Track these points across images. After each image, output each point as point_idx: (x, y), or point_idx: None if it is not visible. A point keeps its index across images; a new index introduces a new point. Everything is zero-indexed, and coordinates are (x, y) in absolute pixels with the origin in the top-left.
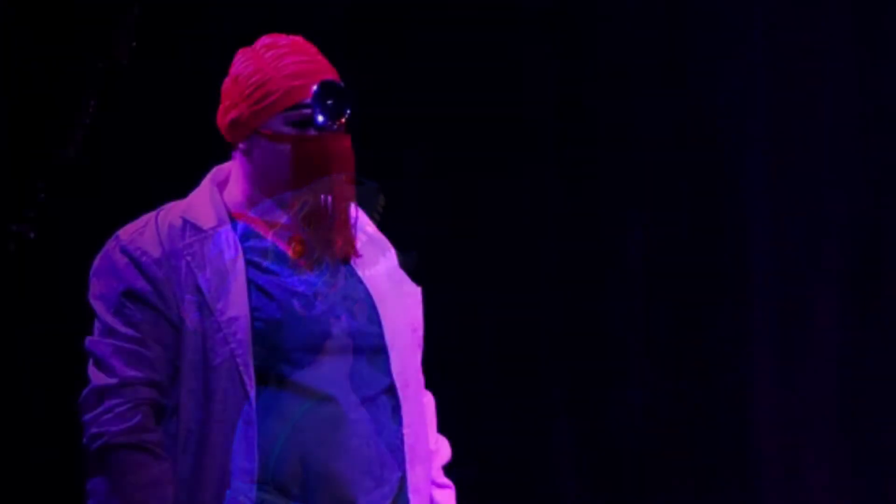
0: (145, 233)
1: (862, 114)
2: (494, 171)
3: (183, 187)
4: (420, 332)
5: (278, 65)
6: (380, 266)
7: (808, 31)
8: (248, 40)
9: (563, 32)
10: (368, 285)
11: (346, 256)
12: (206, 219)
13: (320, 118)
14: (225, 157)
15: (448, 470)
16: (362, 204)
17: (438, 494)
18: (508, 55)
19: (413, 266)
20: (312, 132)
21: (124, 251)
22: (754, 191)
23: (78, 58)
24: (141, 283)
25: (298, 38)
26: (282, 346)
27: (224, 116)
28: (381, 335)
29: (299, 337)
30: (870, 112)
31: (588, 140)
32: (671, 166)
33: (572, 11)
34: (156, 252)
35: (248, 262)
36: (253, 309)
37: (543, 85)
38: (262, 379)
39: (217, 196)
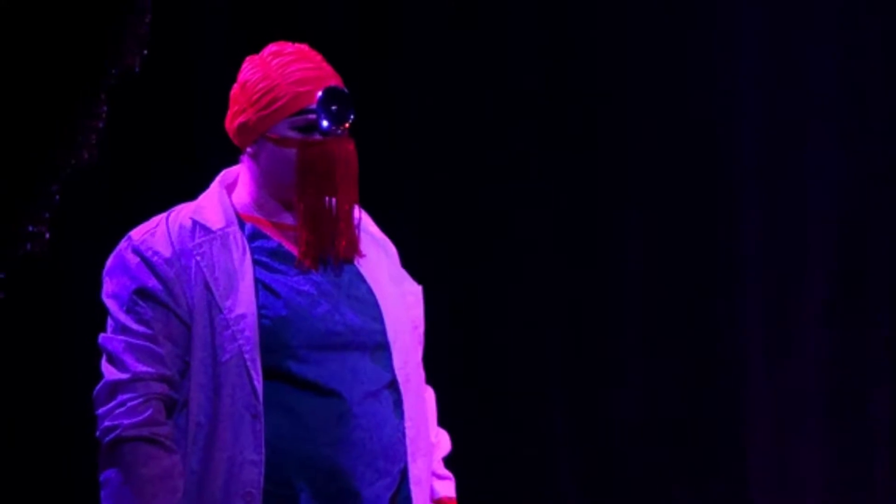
0: (156, 233)
1: (849, 114)
2: (494, 172)
3: (192, 189)
4: (421, 330)
5: (285, 72)
6: (382, 265)
7: (797, 35)
8: (256, 47)
9: (560, 33)
10: (371, 284)
11: (349, 256)
12: (215, 220)
13: (325, 123)
14: (233, 160)
15: (448, 464)
16: None
17: (439, 486)
18: (508, 56)
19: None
20: (317, 136)
21: (136, 251)
22: (747, 195)
23: (92, 64)
24: (152, 282)
25: (304, 46)
26: (288, 342)
27: (232, 121)
28: (383, 332)
29: (305, 334)
30: (857, 113)
31: (586, 140)
32: (666, 169)
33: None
34: (166, 252)
35: (256, 262)
36: (260, 307)
37: (542, 85)
38: (270, 374)
39: (225, 198)
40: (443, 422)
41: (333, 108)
